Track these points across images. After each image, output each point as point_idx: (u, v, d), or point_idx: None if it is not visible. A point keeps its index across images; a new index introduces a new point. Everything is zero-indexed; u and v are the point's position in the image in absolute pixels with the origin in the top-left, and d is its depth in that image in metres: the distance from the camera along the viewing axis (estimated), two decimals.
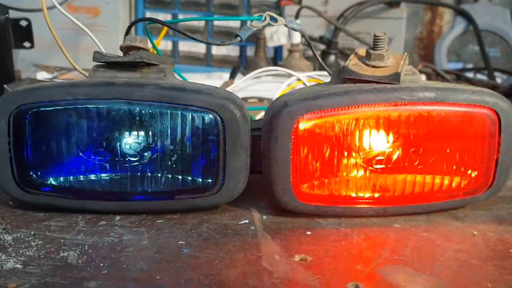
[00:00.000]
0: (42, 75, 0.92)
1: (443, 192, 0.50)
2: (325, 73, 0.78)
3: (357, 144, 0.48)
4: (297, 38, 1.18)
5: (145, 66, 0.51)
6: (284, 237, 0.46)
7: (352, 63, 0.51)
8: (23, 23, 0.94)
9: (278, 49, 1.37)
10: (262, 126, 0.50)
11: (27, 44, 0.98)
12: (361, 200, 0.49)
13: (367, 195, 0.49)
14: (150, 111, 0.47)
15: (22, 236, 0.45)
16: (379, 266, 0.41)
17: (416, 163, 0.49)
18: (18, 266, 0.40)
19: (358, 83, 0.49)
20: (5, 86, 0.88)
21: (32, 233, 0.45)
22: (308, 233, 0.47)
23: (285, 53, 1.32)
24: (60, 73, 0.93)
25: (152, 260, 0.41)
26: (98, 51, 0.51)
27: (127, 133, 0.48)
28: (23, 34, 0.96)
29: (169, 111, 0.47)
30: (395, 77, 0.48)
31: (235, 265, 0.41)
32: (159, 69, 0.51)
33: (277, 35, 1.25)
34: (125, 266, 0.40)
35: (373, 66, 0.50)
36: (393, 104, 0.47)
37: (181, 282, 0.38)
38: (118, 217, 0.49)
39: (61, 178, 0.49)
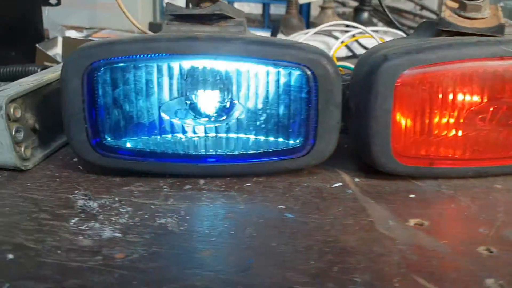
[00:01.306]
0: (71, 34, 0.87)
1: None
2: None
3: (460, 101, 0.44)
4: None
5: (221, 19, 0.47)
6: (388, 200, 0.43)
7: (447, 14, 0.47)
8: None
9: (303, 7, 1.31)
10: (352, 82, 0.46)
11: (53, 1, 0.92)
12: (460, 160, 0.46)
13: (467, 155, 0.46)
14: (237, 67, 0.43)
15: (107, 202, 0.41)
16: (501, 228, 0.38)
17: None
18: (116, 234, 0.36)
19: (456, 36, 0.45)
20: (37, 45, 0.83)
21: (117, 199, 0.42)
22: (411, 196, 0.44)
23: (314, 11, 1.27)
24: (92, 32, 0.88)
25: (258, 226, 0.38)
26: (170, 3, 0.47)
27: (211, 91, 0.44)
28: None
29: (257, 67, 0.43)
30: (499, 29, 0.45)
31: (349, 231, 0.38)
32: (237, 22, 0.47)
33: None
34: (232, 232, 0.37)
35: (469, 18, 0.46)
36: (498, 58, 0.43)
37: (301, 250, 0.35)
38: (202, 181, 0.45)
39: (141, 140, 0.45)
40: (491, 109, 0.45)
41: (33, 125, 0.49)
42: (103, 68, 0.43)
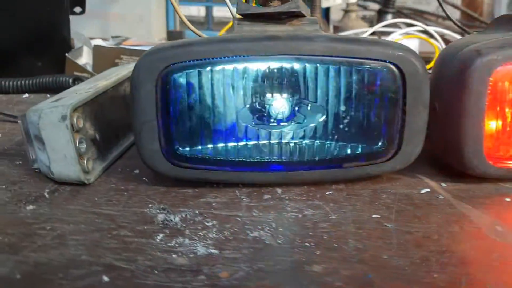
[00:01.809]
0: (100, 43, 0.84)
1: None
2: None
3: None
4: None
5: (293, 18, 0.44)
6: (486, 206, 0.40)
7: None
8: None
9: (323, 10, 1.29)
10: (436, 79, 0.44)
11: (77, 9, 0.89)
12: None
13: None
14: (320, 67, 0.40)
15: (188, 216, 0.38)
16: None
17: None
18: (212, 251, 0.33)
19: None
20: (66, 55, 0.80)
21: (197, 212, 0.39)
22: (507, 199, 0.41)
23: (334, 14, 1.25)
24: (120, 40, 0.85)
25: (360, 237, 0.35)
26: (242, 2, 0.44)
27: (292, 94, 0.41)
28: None
29: (341, 67, 0.40)
30: None
31: (460, 239, 0.35)
32: (311, 20, 0.45)
33: None
34: (335, 245, 0.34)
35: None
36: None
37: (417, 262, 0.32)
38: (279, 190, 0.43)
39: (216, 148, 0.42)
40: None
41: (94, 135, 0.46)
42: (179, 71, 0.40)
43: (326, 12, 1.27)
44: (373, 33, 0.88)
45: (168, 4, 1.46)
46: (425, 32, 0.75)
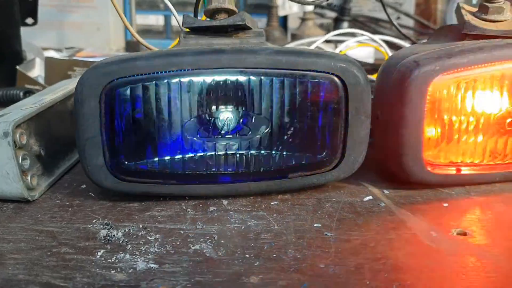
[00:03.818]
0: (51, 55, 0.83)
1: None
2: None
3: (490, 104, 0.44)
4: (309, 6, 1.12)
5: (239, 30, 0.45)
6: (424, 211, 0.41)
7: (469, 18, 0.46)
8: None
9: (280, 19, 1.31)
10: (378, 89, 0.45)
11: (29, 20, 0.88)
12: (488, 166, 0.46)
13: (495, 160, 0.45)
14: (265, 79, 0.41)
15: (131, 230, 0.38)
16: None
17: None
18: (152, 265, 0.33)
19: (481, 39, 0.45)
20: (17, 67, 0.78)
21: (141, 226, 0.39)
22: (445, 205, 0.43)
23: (292, 22, 1.26)
24: (73, 51, 0.84)
25: (300, 246, 0.36)
26: (188, 15, 0.45)
27: (236, 106, 0.42)
28: (28, 9, 0.86)
29: (285, 79, 0.41)
30: None
31: (395, 246, 0.36)
32: (257, 33, 0.45)
33: (289, 3, 1.19)
34: (274, 255, 0.35)
35: (492, 21, 0.46)
36: None
37: (351, 270, 0.33)
38: (225, 201, 0.43)
39: (161, 162, 0.42)
40: None
41: (38, 151, 0.45)
42: (123, 87, 0.40)
43: (284, 20, 1.28)
44: (329, 41, 0.90)
45: (127, 13, 1.45)
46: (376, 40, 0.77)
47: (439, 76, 0.42)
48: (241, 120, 0.42)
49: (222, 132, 0.42)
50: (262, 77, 0.41)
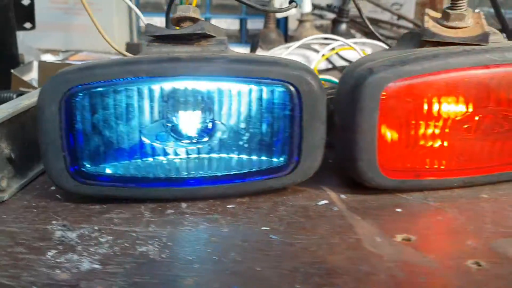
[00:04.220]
0: (47, 58, 0.86)
1: None
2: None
3: (445, 111, 0.44)
4: (307, 7, 1.13)
5: (202, 38, 0.46)
6: (375, 216, 0.42)
7: (430, 25, 0.47)
8: (25, 1, 0.87)
9: (280, 20, 1.32)
10: (337, 96, 0.46)
11: (28, 25, 0.91)
12: (446, 171, 0.46)
13: (453, 165, 0.46)
14: (219, 87, 0.42)
15: (87, 232, 0.40)
16: (490, 240, 0.37)
17: (506, 129, 0.45)
18: (96, 266, 0.35)
19: (441, 46, 0.45)
20: (12, 71, 0.81)
21: (96, 228, 0.40)
22: (398, 210, 0.43)
23: (292, 24, 1.27)
24: (69, 54, 0.87)
25: (243, 249, 0.37)
26: (151, 24, 0.46)
27: (193, 112, 0.43)
28: (25, 14, 0.89)
29: (240, 86, 0.42)
30: (484, 38, 0.44)
31: (336, 250, 0.37)
32: (219, 41, 0.46)
33: (287, 5, 1.19)
34: (215, 258, 0.36)
35: (453, 27, 0.46)
36: (484, 66, 0.43)
37: (286, 273, 0.34)
38: (184, 204, 0.44)
39: (121, 166, 0.43)
40: (477, 118, 0.45)
41: (9, 154, 0.47)
42: (81, 94, 0.41)
43: (285, 22, 1.29)
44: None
45: (131, 16, 1.47)
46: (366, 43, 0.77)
47: (392, 83, 0.42)
48: (198, 126, 0.43)
49: (180, 137, 0.43)
50: (218, 84, 0.42)
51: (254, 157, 0.44)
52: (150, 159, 0.44)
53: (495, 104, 0.44)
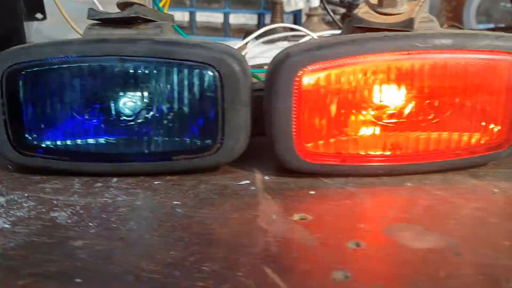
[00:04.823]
0: None
1: (461, 148, 0.46)
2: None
3: (366, 98, 0.44)
4: (315, 1, 1.13)
5: (143, 22, 0.49)
6: (285, 197, 0.43)
7: (362, 11, 0.47)
8: None
9: (297, 15, 1.33)
10: (265, 81, 0.47)
11: (39, 15, 0.97)
12: (370, 158, 0.46)
13: (378, 152, 0.46)
14: (144, 67, 0.45)
15: (16, 198, 0.43)
16: (385, 224, 0.38)
17: (431, 117, 0.45)
18: (6, 226, 0.38)
19: (368, 32, 0.45)
20: None
21: (26, 195, 0.44)
22: (312, 192, 0.44)
23: (304, 19, 1.27)
24: None
25: (143, 220, 0.39)
26: (92, 8, 0.49)
27: (121, 92, 0.46)
28: (35, 5, 0.95)
29: (163, 68, 0.45)
30: (408, 24, 0.44)
31: (229, 224, 0.38)
32: (157, 25, 0.49)
33: (301, 4, 1.20)
34: (114, 225, 0.38)
35: (385, 14, 0.46)
36: (405, 52, 0.43)
37: (171, 241, 0.36)
38: (115, 179, 0.47)
39: (57, 140, 0.47)
40: (399, 105, 0.45)
41: None
42: (19, 72, 0.45)
43: (297, 17, 1.30)
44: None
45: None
46: None
47: (308, 67, 0.43)
48: (126, 105, 0.46)
49: (109, 115, 0.46)
50: (142, 65, 0.45)
51: (180, 137, 0.46)
52: (83, 135, 0.47)
53: (418, 91, 0.44)
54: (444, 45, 0.43)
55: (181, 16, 1.50)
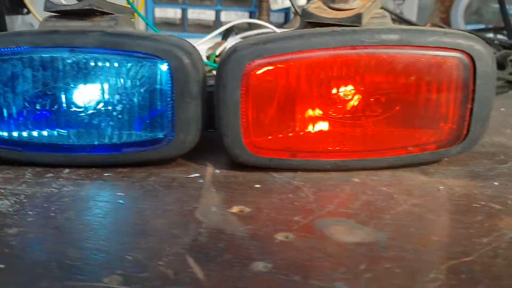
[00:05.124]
0: None
1: (410, 145, 0.46)
2: None
3: (313, 93, 0.44)
4: (301, 0, 1.13)
5: (99, 15, 0.49)
6: (230, 190, 0.43)
7: (314, 6, 0.47)
8: None
9: (287, 13, 1.33)
10: (215, 75, 0.47)
11: (25, 10, 0.97)
12: (319, 153, 0.46)
13: (326, 147, 0.46)
14: (94, 59, 0.45)
15: None
16: (320, 218, 0.38)
17: (378, 113, 0.45)
18: None
19: (319, 27, 0.45)
20: None
21: None
22: (257, 186, 0.44)
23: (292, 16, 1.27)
24: None
25: (82, 209, 0.40)
26: (49, 0, 0.49)
27: (72, 83, 0.46)
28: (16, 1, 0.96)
29: (113, 59, 0.45)
30: (357, 19, 0.44)
31: (165, 216, 0.38)
32: (112, 17, 0.49)
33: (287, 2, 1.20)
34: (53, 215, 0.39)
35: (337, 9, 0.46)
36: (351, 47, 0.43)
37: (103, 231, 0.36)
38: (67, 170, 0.47)
39: (9, 130, 0.47)
40: (346, 100, 0.45)
41: None
42: None
43: (287, 15, 1.30)
44: None
45: (149, 6, 1.54)
46: None
47: (255, 61, 0.43)
48: (76, 96, 0.46)
49: (60, 106, 0.46)
50: (93, 57, 0.45)
51: (130, 129, 0.47)
52: (34, 126, 0.47)
53: (365, 87, 0.44)
54: (391, 40, 0.42)
55: (173, 13, 1.51)
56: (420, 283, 0.29)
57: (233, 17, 1.44)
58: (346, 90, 0.44)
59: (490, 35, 1.13)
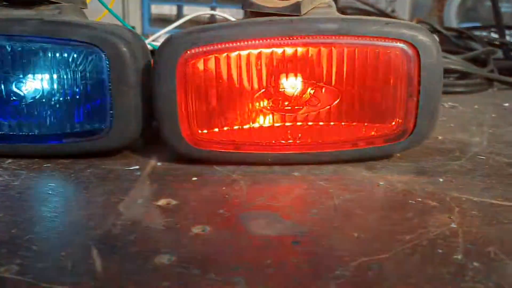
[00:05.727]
0: None
1: (353, 139, 0.44)
2: None
3: (250, 83, 0.43)
4: None
5: (46, 4, 0.49)
6: (165, 182, 0.42)
7: None
8: None
9: None
10: None
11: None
12: (260, 146, 0.45)
13: (268, 140, 0.44)
14: (31, 47, 0.45)
15: None
16: (244, 211, 0.36)
17: (318, 105, 0.43)
18: None
19: (259, 17, 0.44)
20: None
21: None
22: (194, 179, 0.43)
23: None
24: None
25: (8, 200, 0.39)
26: None
27: (10, 72, 0.45)
28: None
29: (50, 48, 0.44)
30: (296, 8, 0.43)
31: (87, 207, 0.38)
32: (57, 6, 0.48)
33: None
34: None
35: None
36: (288, 37, 0.42)
37: (19, 220, 0.35)
38: (9, 160, 0.47)
39: None
40: (286, 92, 0.43)
41: None
42: None
43: None
44: None
45: (145, 2, 1.53)
46: None
47: (190, 50, 0.42)
48: (16, 85, 0.46)
49: (6, 95, 0.46)
50: (30, 45, 0.44)
51: (69, 119, 0.46)
52: None
53: (303, 78, 0.43)
54: (329, 30, 0.41)
55: (168, 10, 1.51)
56: (323, 280, 0.28)
57: (227, 13, 1.43)
58: (285, 81, 0.43)
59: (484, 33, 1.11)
